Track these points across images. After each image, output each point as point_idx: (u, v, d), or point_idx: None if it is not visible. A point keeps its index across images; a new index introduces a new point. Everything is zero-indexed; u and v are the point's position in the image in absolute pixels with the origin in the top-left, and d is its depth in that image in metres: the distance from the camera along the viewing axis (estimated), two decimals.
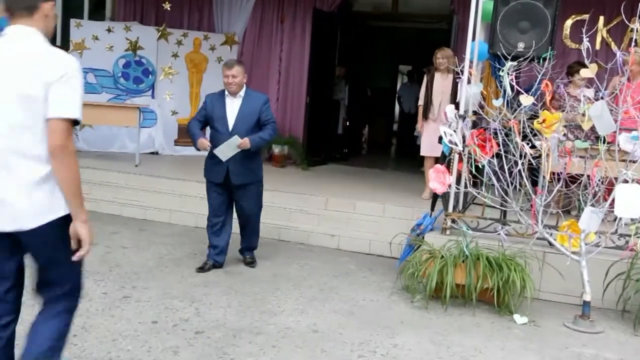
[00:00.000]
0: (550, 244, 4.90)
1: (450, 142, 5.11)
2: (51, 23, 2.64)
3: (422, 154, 7.24)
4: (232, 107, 5.23)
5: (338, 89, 10.79)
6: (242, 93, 5.27)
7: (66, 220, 2.53)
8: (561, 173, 4.83)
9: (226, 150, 5.03)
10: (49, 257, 2.63)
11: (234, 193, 5.33)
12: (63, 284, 2.71)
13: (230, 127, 5.18)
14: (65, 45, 9.85)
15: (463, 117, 5.27)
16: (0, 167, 2.46)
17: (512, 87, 4.73)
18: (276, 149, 9.33)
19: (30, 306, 3.00)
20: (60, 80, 2.43)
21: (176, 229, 6.53)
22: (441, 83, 7.02)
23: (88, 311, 4.25)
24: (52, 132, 2.43)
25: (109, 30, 9.48)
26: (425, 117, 7.13)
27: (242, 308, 4.54)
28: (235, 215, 5.50)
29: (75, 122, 2.50)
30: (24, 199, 2.47)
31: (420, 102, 7.23)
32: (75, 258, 2.56)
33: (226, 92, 5.26)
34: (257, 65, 10.02)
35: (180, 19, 10.18)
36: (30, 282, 2.79)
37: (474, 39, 5.47)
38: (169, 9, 9.47)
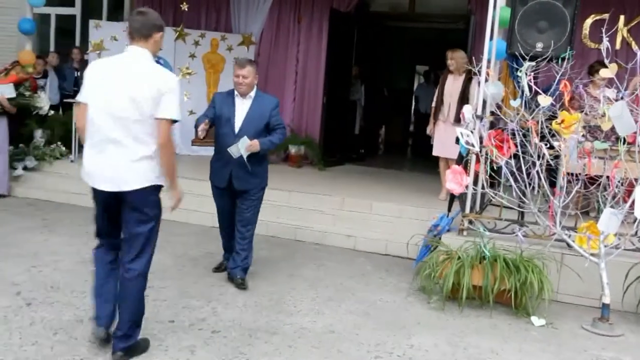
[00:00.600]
0: (569, 245, 4.86)
1: (468, 142, 5.09)
2: (158, 47, 3.64)
3: (433, 154, 7.23)
4: (241, 109, 4.95)
5: (354, 89, 10.78)
6: (252, 94, 4.97)
7: (157, 188, 3.52)
8: (580, 174, 4.79)
9: (236, 151, 4.80)
10: (138, 214, 3.50)
11: (237, 198, 5.04)
12: (139, 244, 3.55)
13: (237, 129, 4.88)
14: (84, 46, 9.96)
15: (480, 118, 5.24)
16: (118, 145, 3.40)
17: (530, 87, 4.70)
18: (292, 149, 9.34)
19: None
20: (169, 91, 3.41)
21: (193, 228, 6.56)
22: (453, 84, 7.01)
23: None
24: (161, 130, 3.41)
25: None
26: (435, 117, 7.12)
27: (258, 308, 4.55)
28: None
29: (174, 121, 3.46)
30: (130, 168, 3.42)
31: (433, 103, 7.24)
32: (170, 210, 3.63)
33: (235, 92, 4.97)
34: (273, 65, 10.04)
35: (198, 20, 10.22)
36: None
37: (491, 38, 5.43)
38: (186, 9, 9.51)
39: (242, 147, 4.75)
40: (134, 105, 3.36)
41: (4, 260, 5.23)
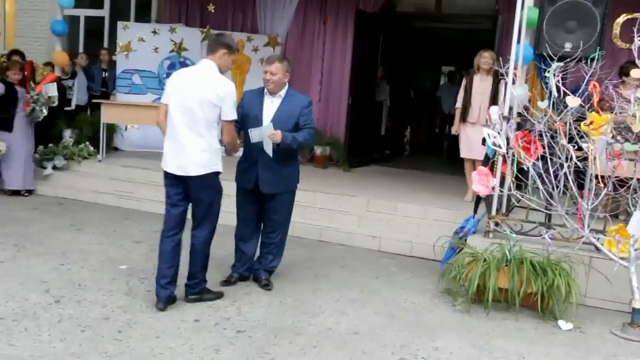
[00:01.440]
0: (597, 249, 4.79)
1: (494, 144, 5.04)
2: (224, 62, 4.38)
3: (461, 156, 7.15)
4: (270, 108, 4.75)
5: (380, 90, 10.76)
6: (282, 93, 4.78)
7: (217, 174, 4.42)
8: (609, 176, 4.71)
9: (256, 135, 4.64)
10: (202, 196, 4.40)
11: (264, 202, 4.89)
12: (206, 218, 4.49)
13: None
14: (112, 47, 10.08)
15: (507, 119, 5.19)
16: (188, 140, 4.26)
17: (558, 88, 4.64)
18: (318, 150, 9.35)
19: None
20: (228, 96, 4.27)
21: (218, 228, 6.59)
22: (480, 85, 6.93)
23: (132, 308, 4.33)
24: (226, 130, 4.40)
25: (154, 32, 9.62)
26: (464, 119, 7.04)
27: (283, 308, 4.56)
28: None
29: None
30: (197, 158, 4.28)
31: (458, 104, 7.13)
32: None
33: (265, 90, 4.78)
34: (299, 66, 10.05)
35: (224, 21, 10.27)
36: None
37: (518, 41, 5.37)
38: (213, 11, 9.57)
39: (265, 134, 4.60)
40: (200, 107, 4.22)
41: (34, 258, 5.32)
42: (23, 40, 11.04)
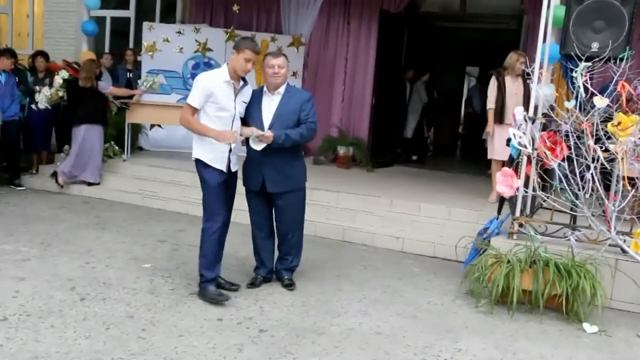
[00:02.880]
0: (624, 251, 4.73)
1: (520, 144, 5.00)
2: (233, 62, 4.49)
3: (494, 157, 7.03)
4: (270, 106, 4.66)
5: (417, 92, 10.79)
6: (281, 90, 4.67)
7: (198, 162, 4.58)
8: (637, 178, 4.64)
9: (252, 142, 4.60)
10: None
11: (273, 203, 4.84)
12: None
13: (266, 127, 4.61)
14: (137, 48, 10.18)
15: (533, 120, 5.14)
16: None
17: (585, 88, 4.58)
18: (341, 150, 9.35)
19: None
20: (194, 83, 4.54)
21: (241, 228, 6.60)
22: (512, 86, 6.85)
23: (156, 306, 4.37)
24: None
25: (179, 33, 9.70)
26: (500, 120, 6.92)
27: (306, 308, 4.56)
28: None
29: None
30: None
31: (492, 105, 6.97)
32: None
33: (264, 89, 4.69)
34: (323, 66, 10.08)
35: (248, 21, 10.32)
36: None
37: (544, 41, 5.32)
38: (237, 11, 9.61)
39: (252, 141, 4.56)
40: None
41: (60, 256, 5.39)
42: (50, 41, 11.19)
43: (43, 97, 8.23)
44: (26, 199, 7.69)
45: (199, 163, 4.60)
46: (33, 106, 8.40)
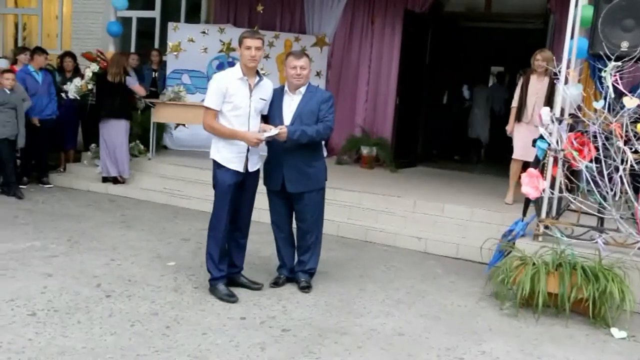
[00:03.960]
0: None
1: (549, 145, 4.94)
2: (241, 58, 4.50)
3: (514, 157, 6.99)
4: (290, 105, 4.67)
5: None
6: (302, 90, 4.67)
7: (214, 162, 4.60)
8: None
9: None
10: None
11: (293, 203, 4.84)
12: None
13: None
14: (162, 48, 10.27)
15: (560, 120, 5.08)
16: None
17: (615, 88, 4.51)
18: (364, 150, 9.34)
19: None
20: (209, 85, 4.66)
21: (263, 227, 6.62)
22: (536, 85, 6.79)
23: (180, 304, 4.40)
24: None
25: (203, 33, 9.76)
26: (519, 119, 6.92)
27: (328, 308, 4.56)
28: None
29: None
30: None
31: (514, 104, 6.99)
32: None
33: (285, 88, 4.72)
34: (347, 65, 10.07)
35: (272, 21, 10.35)
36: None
37: (572, 38, 5.25)
38: (261, 11, 9.65)
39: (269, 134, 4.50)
40: None
41: (86, 253, 5.46)
42: (78, 41, 11.34)
43: (73, 87, 8.35)
44: (54, 196, 7.80)
45: (214, 163, 4.62)
46: (63, 94, 8.53)
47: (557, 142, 4.96)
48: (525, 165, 6.69)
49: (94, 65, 8.51)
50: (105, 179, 8.24)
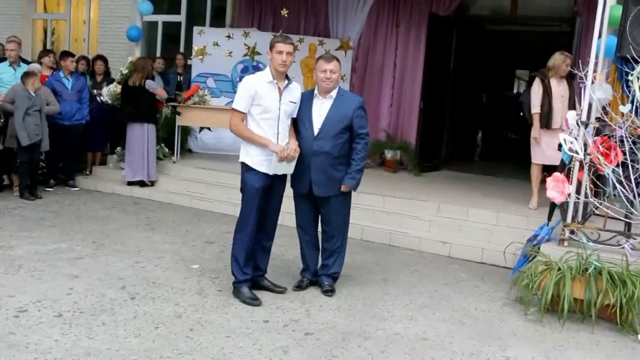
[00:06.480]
0: None
1: (571, 150, 4.89)
2: (271, 61, 4.55)
3: (536, 161, 6.85)
4: (321, 109, 4.67)
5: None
6: (333, 94, 4.67)
7: (243, 165, 4.63)
8: None
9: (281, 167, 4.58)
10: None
11: (319, 206, 4.85)
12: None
13: (316, 131, 4.64)
14: (188, 51, 10.36)
15: (586, 124, 5.01)
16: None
17: None
18: (388, 154, 9.31)
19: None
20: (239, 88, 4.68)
21: (287, 230, 6.64)
22: (558, 89, 6.68)
23: (204, 307, 4.43)
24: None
25: (228, 37, 9.83)
26: (547, 125, 6.70)
27: (352, 312, 4.56)
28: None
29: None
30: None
31: (537, 109, 6.73)
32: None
33: (315, 92, 4.71)
34: (371, 69, 10.06)
35: (297, 25, 10.39)
36: None
37: (599, 37, 5.16)
38: (286, 15, 9.68)
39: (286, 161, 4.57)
40: None
41: (111, 255, 5.52)
42: (105, 46, 11.50)
43: (106, 91, 8.50)
44: (80, 199, 7.90)
45: (243, 166, 4.63)
46: (98, 98, 8.68)
47: (582, 147, 4.88)
48: (546, 169, 6.61)
49: (125, 69, 8.65)
50: (130, 182, 8.32)
